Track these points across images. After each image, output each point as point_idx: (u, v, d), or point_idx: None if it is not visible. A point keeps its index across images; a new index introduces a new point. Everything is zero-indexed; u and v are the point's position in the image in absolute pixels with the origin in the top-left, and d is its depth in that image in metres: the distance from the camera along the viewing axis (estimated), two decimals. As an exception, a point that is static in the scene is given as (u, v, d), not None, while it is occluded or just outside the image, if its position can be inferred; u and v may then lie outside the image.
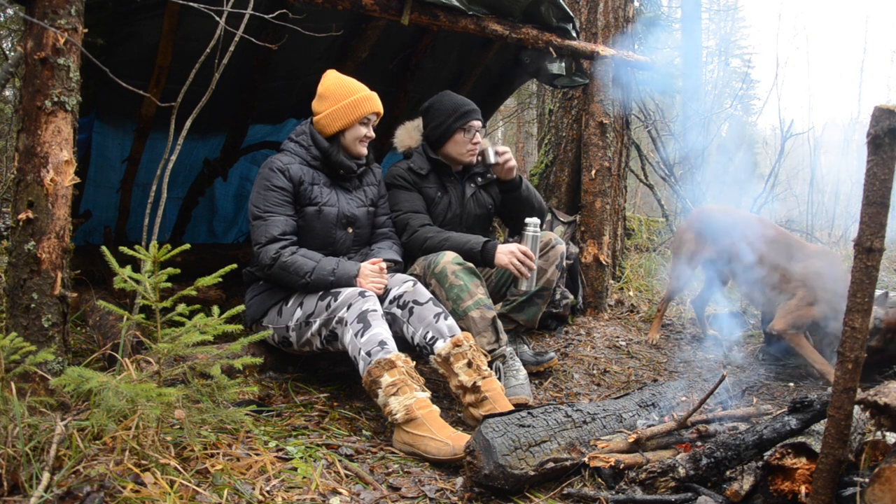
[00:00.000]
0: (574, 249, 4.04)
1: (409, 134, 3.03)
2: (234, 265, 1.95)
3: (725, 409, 2.20)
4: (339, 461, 1.92)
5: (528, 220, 2.78)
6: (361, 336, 2.22)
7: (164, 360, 1.83)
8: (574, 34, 3.56)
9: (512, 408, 2.23)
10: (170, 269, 1.84)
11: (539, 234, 2.78)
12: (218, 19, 2.28)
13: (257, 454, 1.84)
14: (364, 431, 2.26)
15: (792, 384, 3.06)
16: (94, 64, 2.10)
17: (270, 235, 2.42)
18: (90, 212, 3.50)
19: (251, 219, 2.49)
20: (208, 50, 2.30)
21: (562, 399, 2.84)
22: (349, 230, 2.64)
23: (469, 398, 2.28)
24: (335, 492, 1.74)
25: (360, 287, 2.40)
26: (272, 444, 1.98)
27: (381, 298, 2.46)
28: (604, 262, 4.09)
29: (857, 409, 1.56)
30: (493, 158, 2.93)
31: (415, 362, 2.26)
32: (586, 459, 1.89)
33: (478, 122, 2.90)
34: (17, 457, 1.57)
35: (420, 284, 2.51)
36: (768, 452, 1.67)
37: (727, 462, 1.77)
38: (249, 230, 2.55)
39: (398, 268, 2.69)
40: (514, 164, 2.97)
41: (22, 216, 1.94)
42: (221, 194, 4.08)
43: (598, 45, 3.86)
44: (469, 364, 2.30)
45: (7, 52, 5.08)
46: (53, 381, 1.67)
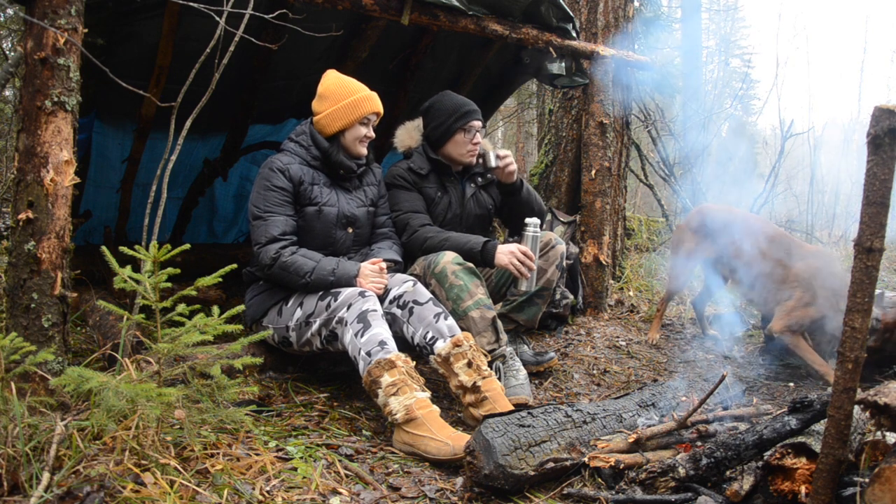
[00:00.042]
0: (574, 249, 4.04)
1: (409, 134, 3.03)
2: (234, 265, 1.95)
3: (725, 409, 2.20)
4: (339, 461, 1.92)
5: (528, 220, 2.78)
6: (361, 336, 2.22)
7: (164, 360, 1.83)
8: (574, 34, 3.56)
9: (512, 408, 2.23)
10: (170, 269, 1.84)
11: (539, 234, 2.78)
12: (218, 19, 2.28)
13: (257, 454, 1.84)
14: (364, 431, 2.26)
15: (792, 384, 3.06)
16: (94, 64, 2.10)
17: (270, 235, 2.42)
18: (90, 212, 3.50)
19: (251, 219, 2.49)
20: (208, 50, 2.30)
21: (562, 399, 2.84)
22: (349, 230, 2.64)
23: (469, 398, 2.28)
24: (335, 492, 1.74)
25: (360, 287, 2.40)
26: (272, 444, 1.98)
27: (381, 298, 2.46)
28: (604, 262, 4.09)
29: (857, 409, 1.56)
30: (494, 162, 2.93)
31: (415, 362, 2.26)
32: (586, 459, 1.89)
33: (478, 123, 2.90)
34: (17, 457, 1.57)
35: (420, 284, 2.51)
36: (768, 452, 1.67)
37: (727, 462, 1.77)
38: (249, 230, 2.55)
39: (398, 268, 2.69)
40: (514, 168, 2.97)
41: (22, 216, 1.94)
42: (221, 194, 4.08)
43: (598, 45, 3.86)
44: (469, 364, 2.30)
45: (7, 52, 5.08)
46: (53, 381, 1.67)
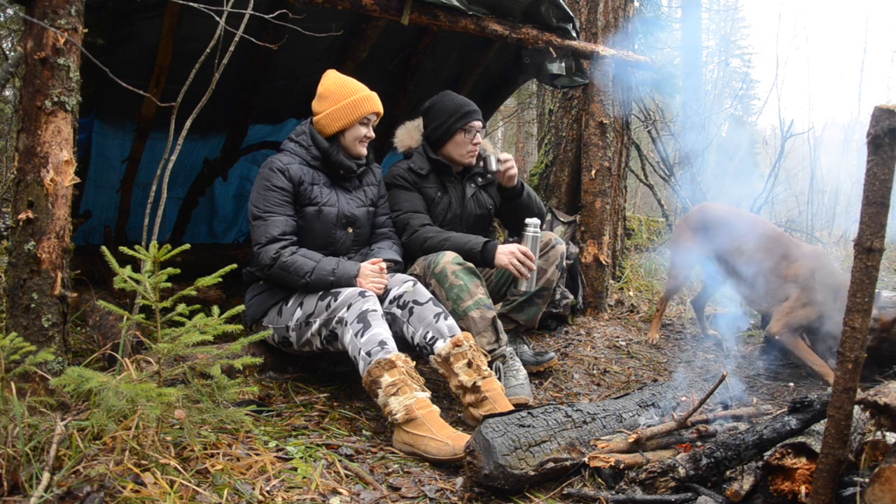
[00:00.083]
0: (574, 249, 4.04)
1: (409, 134, 3.03)
2: (234, 265, 1.95)
3: (726, 408, 2.20)
4: (339, 461, 1.92)
5: (528, 220, 2.77)
6: (361, 336, 2.22)
7: (164, 360, 1.83)
8: (574, 34, 3.56)
9: (512, 408, 2.23)
10: (170, 269, 1.84)
11: (539, 234, 2.78)
12: (218, 19, 2.28)
13: (257, 454, 1.84)
14: (364, 431, 2.26)
15: (792, 384, 3.06)
16: (94, 64, 2.10)
17: (270, 235, 2.42)
18: (90, 212, 3.50)
19: (251, 219, 2.49)
20: (208, 50, 2.30)
21: (562, 399, 2.84)
22: (349, 230, 2.64)
23: (469, 398, 2.28)
24: (335, 492, 1.74)
25: (360, 287, 2.40)
26: (272, 444, 1.98)
27: (381, 298, 2.46)
28: (604, 262, 4.09)
29: (857, 409, 1.56)
30: (496, 166, 2.93)
31: (415, 362, 2.26)
32: (586, 459, 1.89)
33: (478, 123, 2.90)
34: (17, 457, 1.57)
35: (420, 284, 2.51)
36: (768, 452, 1.67)
37: (727, 462, 1.77)
38: (249, 230, 2.55)
39: (398, 268, 2.69)
40: (515, 173, 2.96)
41: (22, 216, 1.94)
42: (221, 194, 4.08)
43: (598, 45, 3.86)
44: (469, 364, 2.30)
45: (7, 52, 5.08)
46: (53, 381, 1.67)
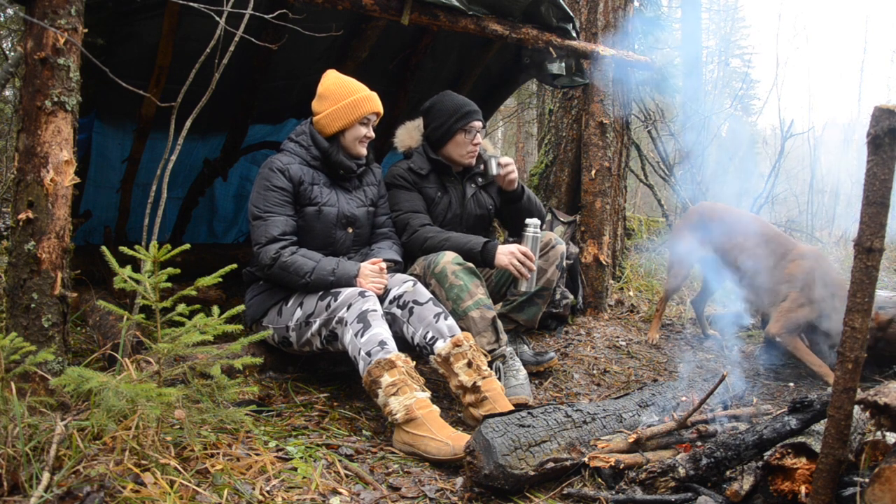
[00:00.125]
0: (574, 249, 4.04)
1: (409, 134, 3.03)
2: (234, 265, 1.95)
3: (726, 408, 2.20)
4: (339, 461, 1.92)
5: (528, 220, 2.77)
6: (361, 336, 2.22)
7: (164, 360, 1.83)
8: (574, 34, 3.56)
9: (512, 408, 2.23)
10: (170, 269, 1.84)
11: (539, 234, 2.78)
12: (218, 19, 2.28)
13: (257, 454, 1.84)
14: (364, 431, 2.26)
15: (792, 384, 3.06)
16: (94, 64, 2.10)
17: (270, 235, 2.42)
18: (90, 212, 3.50)
19: (251, 219, 2.49)
20: (208, 50, 2.30)
21: (562, 399, 2.84)
22: (349, 230, 2.64)
23: (469, 398, 2.28)
24: (335, 492, 1.74)
25: (360, 287, 2.40)
26: (272, 444, 1.98)
27: (381, 298, 2.46)
28: (604, 262, 4.09)
29: (857, 409, 1.56)
30: (496, 170, 2.92)
31: (415, 362, 2.26)
32: (586, 459, 1.89)
33: (479, 123, 2.90)
34: (17, 457, 1.56)
35: (420, 284, 2.51)
36: (768, 452, 1.67)
37: (727, 462, 1.77)
38: (249, 230, 2.55)
39: (398, 268, 2.69)
40: (515, 177, 2.96)
41: (22, 216, 1.94)
42: (221, 194, 4.08)
43: (598, 45, 3.86)
44: (469, 364, 2.30)
45: (7, 52, 5.08)
46: (53, 381, 1.67)
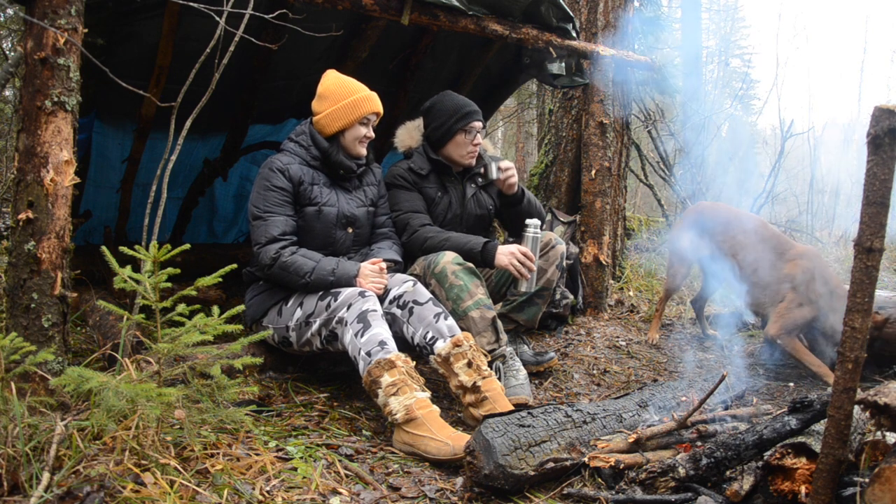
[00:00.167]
0: (574, 249, 4.04)
1: (409, 134, 3.03)
2: (234, 265, 1.95)
3: (726, 408, 2.20)
4: (339, 461, 1.92)
5: (528, 221, 2.77)
6: (361, 336, 2.22)
7: (164, 360, 1.83)
8: (574, 34, 3.56)
9: (512, 408, 2.23)
10: (170, 269, 1.84)
11: (539, 235, 2.78)
12: (218, 19, 2.28)
13: (257, 454, 1.84)
14: (364, 431, 2.26)
15: (792, 384, 3.06)
16: (94, 64, 2.10)
17: (270, 235, 2.42)
18: (90, 212, 3.50)
19: (251, 219, 2.49)
20: (208, 50, 2.30)
21: (562, 399, 2.84)
22: (349, 230, 2.64)
23: (469, 398, 2.28)
24: (335, 492, 1.74)
25: (359, 287, 2.40)
26: (272, 444, 1.98)
27: (381, 298, 2.46)
28: (604, 262, 4.09)
29: (857, 409, 1.56)
30: (496, 174, 2.92)
31: (415, 362, 2.26)
32: (586, 459, 1.89)
33: (479, 124, 2.90)
34: (17, 457, 1.56)
35: (420, 284, 2.51)
36: (768, 452, 1.67)
37: (727, 462, 1.77)
38: (249, 230, 2.55)
39: (398, 268, 2.69)
40: (515, 181, 2.96)
41: (22, 216, 1.94)
42: (221, 194, 4.08)
43: (598, 45, 3.86)
44: (469, 364, 2.30)
45: (7, 52, 5.08)
46: (53, 381, 1.67)
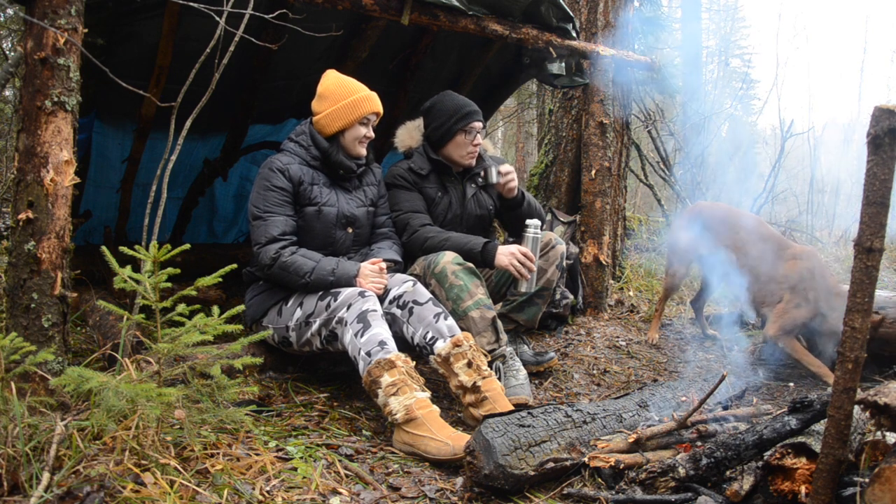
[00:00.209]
0: (574, 249, 4.04)
1: (409, 134, 3.03)
2: (234, 265, 1.95)
3: (726, 408, 2.20)
4: (339, 461, 1.92)
5: (528, 221, 2.77)
6: (361, 336, 2.22)
7: (164, 360, 1.83)
8: (574, 34, 3.56)
9: (512, 408, 2.23)
10: (170, 269, 1.84)
11: (539, 235, 2.78)
12: (218, 19, 2.28)
13: (257, 454, 1.84)
14: (364, 431, 2.26)
15: (792, 384, 3.06)
16: (94, 64, 2.10)
17: (270, 235, 2.42)
18: (90, 212, 3.50)
19: (251, 219, 2.49)
20: (208, 50, 2.30)
21: (562, 399, 2.84)
22: (349, 230, 2.64)
23: (469, 398, 2.28)
24: (335, 492, 1.74)
25: (359, 287, 2.40)
26: (272, 444, 1.98)
27: (381, 298, 2.46)
28: (604, 262, 4.09)
29: (857, 409, 1.56)
30: (496, 178, 2.92)
31: (415, 362, 2.26)
32: (586, 459, 1.89)
33: (479, 124, 2.89)
34: (17, 457, 1.56)
35: (420, 284, 2.51)
36: (768, 452, 1.67)
37: (727, 462, 1.77)
38: (249, 230, 2.55)
39: (398, 268, 2.69)
40: (515, 185, 2.96)
41: (22, 216, 1.94)
42: (221, 194, 4.08)
43: (598, 45, 3.86)
44: (469, 364, 2.30)
45: (7, 52, 5.08)
46: (53, 381, 1.67)
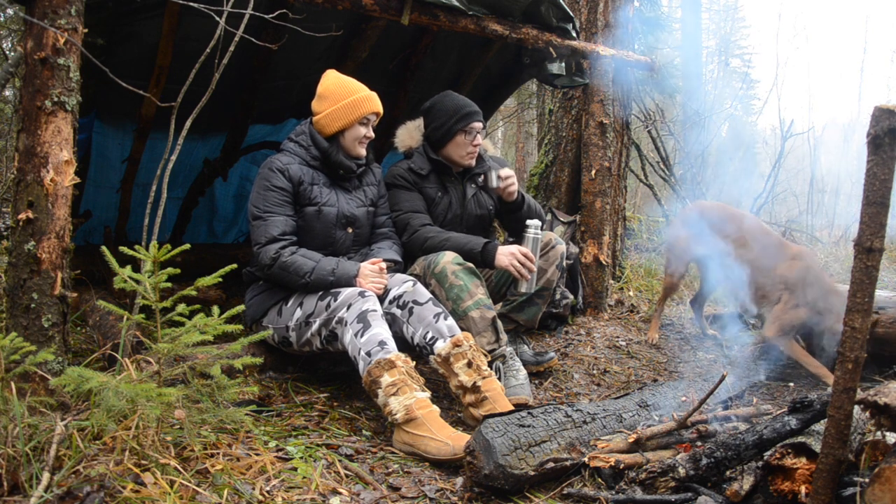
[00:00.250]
0: (574, 249, 4.04)
1: (409, 134, 3.03)
2: (234, 265, 1.95)
3: (726, 408, 2.20)
4: (339, 461, 1.92)
5: (528, 221, 2.78)
6: (361, 336, 2.22)
7: (164, 360, 1.83)
8: (574, 34, 3.56)
9: (512, 408, 2.23)
10: (170, 269, 1.84)
11: (539, 235, 2.78)
12: (218, 19, 2.28)
13: (257, 454, 1.84)
14: (364, 431, 2.26)
15: (792, 384, 3.06)
16: (94, 64, 2.10)
17: (270, 235, 2.42)
18: (90, 212, 3.50)
19: (251, 219, 2.49)
20: (208, 50, 2.30)
21: (562, 399, 2.84)
22: (349, 230, 2.64)
23: (469, 398, 2.28)
24: (335, 492, 1.74)
25: (359, 287, 2.40)
26: (272, 444, 1.98)
27: (381, 298, 2.46)
28: (604, 262, 4.09)
29: (857, 409, 1.56)
30: (496, 183, 2.92)
31: (415, 362, 2.26)
32: (586, 459, 1.89)
33: (479, 124, 2.89)
34: (17, 457, 1.56)
35: (420, 284, 2.51)
36: (768, 452, 1.67)
37: (727, 462, 1.77)
38: (249, 230, 2.55)
39: (398, 268, 2.69)
40: (515, 188, 2.96)
41: (22, 216, 1.94)
42: (221, 194, 4.08)
43: (598, 45, 3.86)
44: (469, 364, 2.30)
45: (7, 52, 5.09)
46: (53, 381, 1.67)
